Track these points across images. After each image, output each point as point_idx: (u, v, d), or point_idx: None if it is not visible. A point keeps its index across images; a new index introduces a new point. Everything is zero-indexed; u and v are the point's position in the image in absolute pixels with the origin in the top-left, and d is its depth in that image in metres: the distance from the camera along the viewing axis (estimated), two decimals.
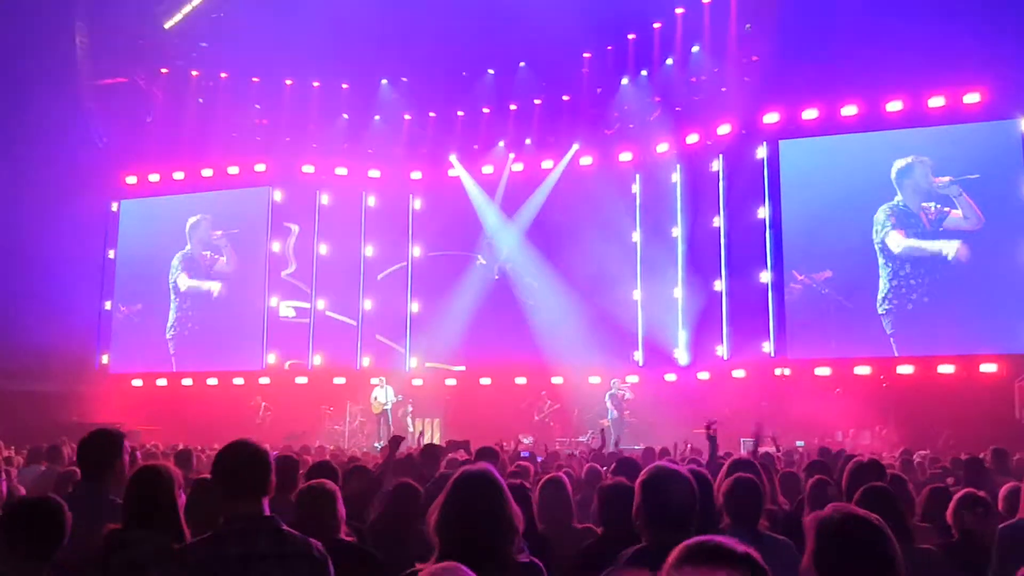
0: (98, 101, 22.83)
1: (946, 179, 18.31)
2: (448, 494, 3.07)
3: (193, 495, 4.61)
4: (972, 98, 18.11)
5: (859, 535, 2.65)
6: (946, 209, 18.27)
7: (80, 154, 22.28)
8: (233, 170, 23.85)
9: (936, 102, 18.39)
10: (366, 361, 23.16)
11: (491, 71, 22.46)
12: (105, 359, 24.27)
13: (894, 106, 18.74)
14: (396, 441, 7.23)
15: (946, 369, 17.61)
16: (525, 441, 16.42)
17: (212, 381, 22.95)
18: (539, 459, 10.09)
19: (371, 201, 23.84)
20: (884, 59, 17.53)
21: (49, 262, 20.79)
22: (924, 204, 18.47)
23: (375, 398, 20.60)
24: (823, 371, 18.60)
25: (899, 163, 18.73)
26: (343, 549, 4.07)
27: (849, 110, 19.12)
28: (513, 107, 22.63)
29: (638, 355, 21.15)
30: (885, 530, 2.69)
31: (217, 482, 3.53)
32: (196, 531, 4.12)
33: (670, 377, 20.40)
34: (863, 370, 18.37)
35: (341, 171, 23.58)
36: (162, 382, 23.42)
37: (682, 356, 20.71)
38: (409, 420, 20.79)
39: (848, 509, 2.80)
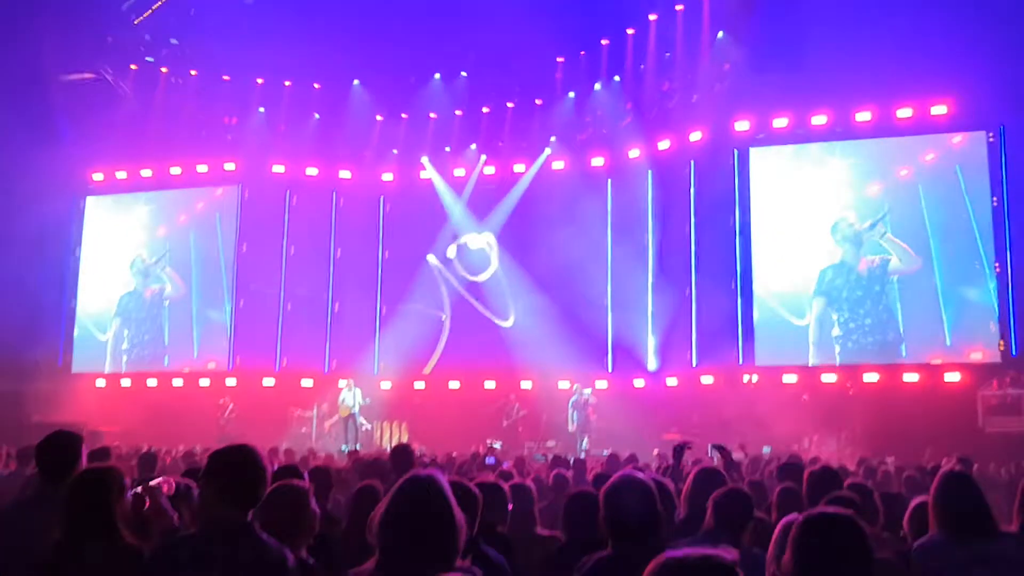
0: (65, 97, 22.51)
1: (866, 224, 18.64)
2: (394, 497, 3.02)
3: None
4: (939, 109, 18.35)
5: (840, 534, 2.80)
6: (886, 258, 18.57)
7: (46, 150, 21.93)
8: (202, 168, 23.62)
9: (904, 113, 18.61)
10: (334, 363, 23.01)
11: (464, 73, 22.42)
12: (68, 358, 23.91)
13: (863, 116, 18.94)
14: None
15: (911, 378, 17.80)
16: (495, 446, 16.42)
17: (177, 382, 22.69)
18: (505, 464, 10.05)
19: (341, 202, 23.69)
20: (854, 70, 17.68)
21: (12, 259, 20.46)
22: (864, 257, 18.73)
23: (343, 401, 20.42)
24: (790, 378, 18.71)
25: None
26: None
27: (819, 119, 19.31)
28: (486, 110, 22.59)
29: (608, 360, 21.17)
30: (863, 530, 2.83)
31: (209, 481, 3.54)
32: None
33: (639, 383, 20.43)
34: (829, 378, 18.51)
35: (311, 171, 23.42)
36: (126, 382, 23.11)
37: (651, 362, 20.76)
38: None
39: (829, 510, 2.94)
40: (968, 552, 4.02)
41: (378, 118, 23.25)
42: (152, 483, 4.05)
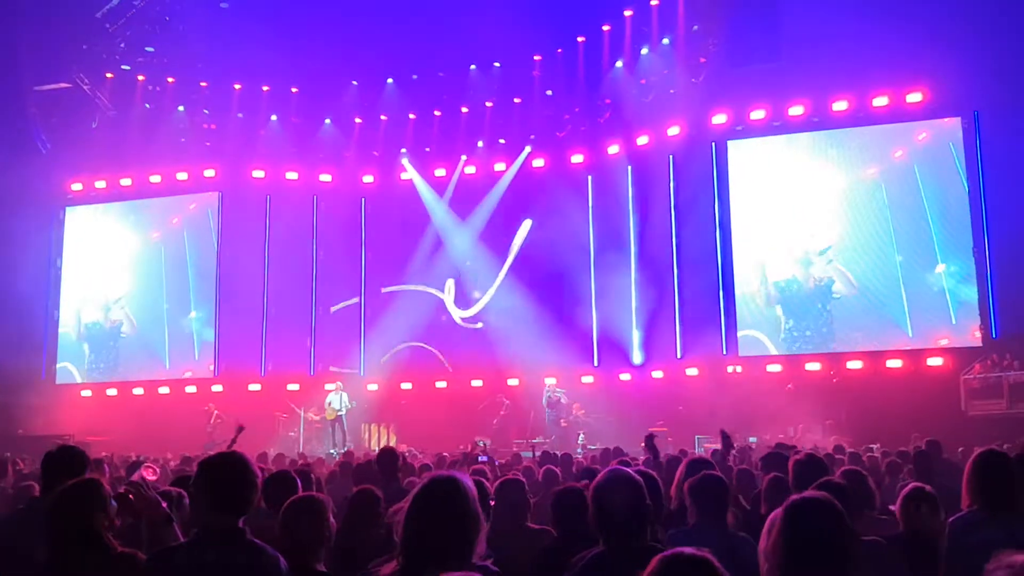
0: (41, 107, 22.37)
1: (816, 250, 19.03)
2: (418, 498, 3.04)
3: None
4: (914, 97, 18.52)
5: (822, 517, 2.88)
6: (830, 279, 18.98)
7: (24, 161, 21.78)
8: (182, 175, 23.52)
9: (880, 101, 18.77)
10: (319, 366, 22.97)
11: (441, 74, 22.41)
12: (53, 369, 23.77)
13: (840, 106, 19.09)
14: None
15: (894, 364, 17.97)
16: (481, 444, 16.45)
17: (164, 390, 22.61)
18: (497, 463, 10.10)
19: (322, 205, 23.65)
20: (830, 60, 17.84)
21: None
22: (813, 277, 19.08)
23: (329, 403, 20.42)
24: (774, 368, 18.86)
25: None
26: None
27: (796, 110, 19.44)
28: (464, 110, 22.61)
29: (593, 355, 21.24)
30: (843, 513, 2.91)
31: (201, 491, 3.60)
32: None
33: (625, 376, 20.53)
34: (813, 366, 18.66)
35: (292, 175, 23.35)
36: (112, 392, 23.01)
37: (636, 355, 20.85)
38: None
39: (810, 494, 3.02)
40: (1002, 533, 4.06)
41: (357, 120, 23.23)
42: (134, 477, 4.07)
